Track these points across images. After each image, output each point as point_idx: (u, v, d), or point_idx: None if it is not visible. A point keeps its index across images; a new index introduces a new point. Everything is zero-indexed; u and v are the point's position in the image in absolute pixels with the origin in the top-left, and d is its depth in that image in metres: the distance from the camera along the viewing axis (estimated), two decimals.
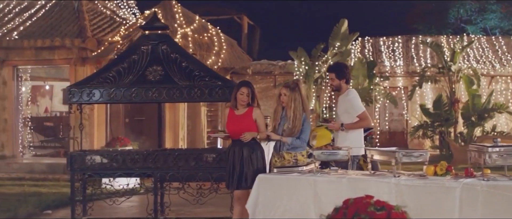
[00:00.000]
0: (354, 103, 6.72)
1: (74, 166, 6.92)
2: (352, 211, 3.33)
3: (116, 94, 6.84)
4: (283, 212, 5.80)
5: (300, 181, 5.82)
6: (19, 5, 17.22)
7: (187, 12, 14.88)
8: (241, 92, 6.27)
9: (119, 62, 6.97)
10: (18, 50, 14.87)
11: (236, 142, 6.35)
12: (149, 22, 7.38)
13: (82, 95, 6.86)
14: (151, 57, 6.94)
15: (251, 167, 6.26)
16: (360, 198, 3.47)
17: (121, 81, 6.85)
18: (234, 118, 6.37)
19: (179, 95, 6.85)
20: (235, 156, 6.28)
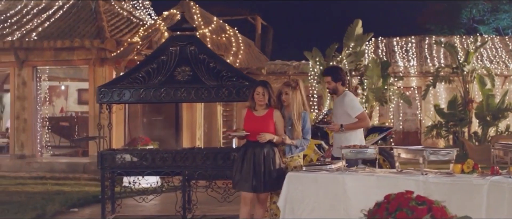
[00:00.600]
0: (353, 105, 6.80)
1: (105, 164, 7.09)
2: (394, 205, 3.45)
3: (146, 94, 7.00)
4: (311, 209, 5.93)
5: (329, 179, 5.95)
6: (37, 6, 17.44)
7: (205, 13, 15.05)
8: (257, 92, 6.23)
9: (148, 63, 7.12)
10: (38, 51, 15.06)
11: (254, 143, 6.23)
12: (177, 24, 7.53)
13: (112, 95, 7.03)
14: (179, 58, 7.08)
15: (274, 169, 6.23)
16: (401, 193, 3.60)
17: (150, 82, 7.00)
18: (254, 118, 6.30)
19: (208, 95, 6.99)
20: (256, 157, 6.19)
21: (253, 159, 6.19)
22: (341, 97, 6.84)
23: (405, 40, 21.80)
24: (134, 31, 15.97)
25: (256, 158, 6.19)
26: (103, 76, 14.70)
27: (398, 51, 21.45)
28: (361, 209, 5.43)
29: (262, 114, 6.29)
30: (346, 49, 18.22)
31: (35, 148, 15.34)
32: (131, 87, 6.99)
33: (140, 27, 16.36)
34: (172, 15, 14.02)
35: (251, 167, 6.17)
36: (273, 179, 6.20)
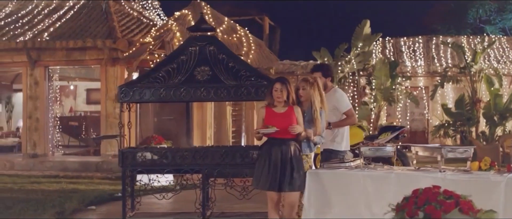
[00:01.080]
0: (344, 100, 6.85)
1: (126, 162, 7.21)
2: (422, 199, 3.58)
3: (166, 93, 7.13)
4: (332, 205, 6.06)
5: (348, 176, 6.08)
6: (48, 7, 17.59)
7: (216, 13, 15.19)
8: (275, 89, 6.08)
9: (168, 63, 7.25)
10: (50, 51, 15.20)
11: (280, 141, 6.07)
12: (197, 24, 7.66)
13: (133, 94, 7.16)
14: (199, 58, 7.21)
15: (301, 168, 6.09)
16: (429, 188, 3.73)
17: (170, 81, 7.13)
18: (275, 115, 6.11)
19: (227, 94, 7.12)
20: (283, 155, 6.02)
21: (280, 157, 6.02)
22: (331, 92, 6.86)
23: (412, 40, 21.91)
24: (145, 31, 16.12)
25: (283, 156, 6.02)
26: (114, 76, 14.86)
27: (405, 51, 21.56)
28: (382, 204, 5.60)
29: (283, 111, 6.11)
30: (355, 49, 18.35)
31: (47, 147, 15.49)
32: (152, 87, 7.13)
33: (151, 27, 16.51)
34: (183, 15, 14.15)
35: (277, 166, 6.00)
36: (300, 178, 6.06)
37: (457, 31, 25.40)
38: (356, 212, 5.99)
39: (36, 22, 16.74)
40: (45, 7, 17.59)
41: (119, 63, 14.76)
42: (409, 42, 21.90)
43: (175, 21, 13.86)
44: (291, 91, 6.14)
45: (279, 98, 6.09)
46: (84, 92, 23.04)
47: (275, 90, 6.11)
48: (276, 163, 6.00)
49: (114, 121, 14.92)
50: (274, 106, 6.16)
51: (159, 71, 7.19)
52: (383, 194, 5.77)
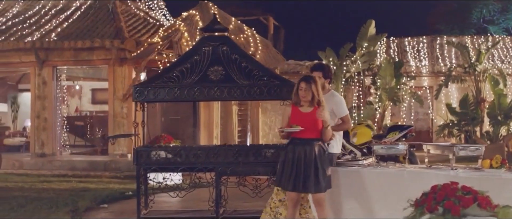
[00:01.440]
0: (342, 105, 6.69)
1: (140, 160, 7.31)
2: (441, 195, 3.68)
3: (180, 93, 7.23)
4: (348, 201, 6.18)
5: (362, 174, 6.19)
6: (54, 7, 17.72)
7: (224, 13, 15.31)
8: (300, 88, 6.03)
9: (182, 63, 7.36)
10: (58, 51, 15.31)
11: (303, 141, 6.01)
12: (210, 25, 7.76)
13: (148, 94, 7.26)
14: (212, 58, 7.31)
15: (325, 169, 6.01)
16: (447, 184, 3.83)
17: (184, 81, 7.23)
18: (301, 115, 6.06)
19: (240, 94, 7.22)
20: (306, 156, 5.95)
21: (303, 157, 5.95)
22: (330, 95, 6.71)
23: (417, 40, 22.02)
24: (152, 31, 16.24)
25: (307, 157, 5.95)
26: (122, 76, 14.98)
27: (409, 51, 21.68)
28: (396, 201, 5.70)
29: (309, 110, 6.04)
30: (360, 49, 18.46)
31: (55, 146, 15.61)
32: (166, 86, 7.22)
33: (157, 27, 16.63)
34: (191, 16, 14.26)
35: (301, 167, 5.93)
36: (325, 178, 5.98)
37: (460, 31, 25.51)
38: (369, 208, 6.10)
39: (44, 22, 16.86)
40: (52, 8, 17.71)
41: (127, 63, 14.88)
42: (414, 42, 22.02)
43: (183, 21, 13.97)
44: (317, 91, 6.04)
45: (304, 98, 6.03)
46: (89, 92, 23.15)
47: (300, 89, 6.05)
48: (299, 164, 5.94)
49: (122, 121, 15.06)
50: (301, 106, 6.11)
51: (173, 71, 7.29)
52: (397, 191, 5.87)
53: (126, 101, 14.85)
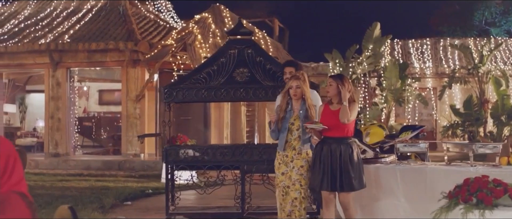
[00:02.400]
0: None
1: (169, 158, 7.61)
2: (474, 187, 4.01)
3: (208, 94, 7.53)
4: (371, 197, 6.50)
5: (385, 170, 6.51)
6: (66, 9, 18.03)
7: (235, 16, 15.58)
8: (327, 85, 6.11)
9: (209, 65, 7.66)
10: (72, 53, 15.63)
11: (331, 139, 6.05)
12: (235, 28, 8.06)
13: (177, 94, 7.57)
14: (237, 60, 7.60)
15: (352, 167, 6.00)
16: (479, 177, 4.16)
17: (211, 82, 7.53)
18: (330, 113, 6.10)
19: (265, 95, 7.52)
20: (332, 154, 5.97)
21: (329, 156, 5.97)
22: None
23: (420, 42, 22.36)
24: (163, 33, 16.56)
25: (333, 156, 5.97)
26: (135, 77, 15.30)
27: (413, 53, 22.00)
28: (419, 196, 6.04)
29: (338, 108, 6.05)
30: (366, 51, 18.80)
31: (69, 146, 15.91)
32: (194, 88, 7.52)
33: (168, 29, 16.95)
34: (204, 18, 14.57)
35: (328, 165, 5.97)
36: (349, 178, 5.98)
37: (463, 33, 25.85)
38: (393, 203, 6.41)
39: (56, 24, 17.17)
40: (64, 10, 18.02)
41: (140, 65, 15.20)
42: (417, 44, 22.35)
43: (196, 24, 14.27)
44: (344, 88, 6.03)
45: (329, 94, 6.11)
46: (96, 93, 23.44)
47: (327, 86, 6.17)
48: (326, 162, 5.98)
49: (135, 121, 15.37)
50: (331, 103, 6.16)
51: (201, 73, 7.59)
52: (418, 186, 6.20)
53: (139, 102, 15.16)
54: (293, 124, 6.24)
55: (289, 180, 6.20)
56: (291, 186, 6.17)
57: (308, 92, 6.24)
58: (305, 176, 6.18)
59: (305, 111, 6.23)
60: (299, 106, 6.27)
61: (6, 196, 2.61)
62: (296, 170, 6.18)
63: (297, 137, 6.22)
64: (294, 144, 6.22)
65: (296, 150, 6.21)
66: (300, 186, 6.16)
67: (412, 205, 6.25)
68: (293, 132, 6.24)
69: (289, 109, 6.27)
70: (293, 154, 6.21)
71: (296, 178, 6.17)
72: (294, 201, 6.16)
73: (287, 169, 6.22)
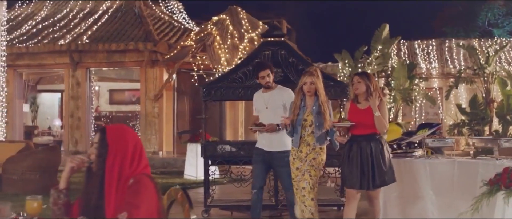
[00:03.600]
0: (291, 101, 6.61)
1: (207, 153, 8.06)
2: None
3: (244, 93, 7.97)
4: (401, 190, 6.96)
5: (415, 164, 6.97)
6: (82, 11, 18.47)
7: (252, 18, 16.06)
8: (353, 82, 6.18)
9: (245, 65, 8.12)
10: (92, 53, 16.06)
11: (360, 137, 6.12)
12: (269, 31, 8.53)
13: (214, 93, 8.02)
14: (271, 61, 8.05)
15: (382, 164, 6.09)
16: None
17: (247, 82, 7.98)
18: (357, 111, 6.16)
19: None
20: (362, 152, 6.06)
21: (359, 154, 6.04)
22: (281, 90, 6.84)
23: (426, 43, 22.84)
24: (178, 34, 17.00)
25: (363, 153, 6.04)
26: (153, 77, 15.74)
27: (419, 53, 22.48)
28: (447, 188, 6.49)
29: (365, 107, 6.12)
30: (375, 51, 19.26)
31: (88, 144, 16.32)
32: (231, 87, 7.98)
33: (183, 31, 17.39)
34: (222, 20, 15.02)
35: (357, 163, 6.04)
36: (382, 174, 6.07)
37: (466, 34, 26.35)
38: (423, 195, 6.87)
39: (73, 25, 17.59)
40: (80, 11, 18.46)
41: (158, 65, 15.63)
42: (423, 45, 22.83)
43: (214, 25, 14.72)
44: (371, 86, 6.13)
45: (357, 90, 6.17)
46: (107, 92, 23.86)
47: (352, 83, 6.23)
48: (355, 161, 6.06)
49: (153, 120, 15.81)
50: (359, 103, 6.24)
51: (237, 73, 8.05)
52: (446, 179, 6.67)
53: (157, 101, 15.61)
54: (305, 120, 6.22)
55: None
56: (301, 176, 6.14)
57: (322, 89, 6.24)
58: (316, 167, 6.14)
59: (318, 106, 6.20)
60: (312, 102, 6.25)
61: (139, 178, 3.07)
62: (308, 161, 6.13)
63: (311, 133, 6.19)
64: (307, 139, 6.20)
65: (310, 146, 6.18)
66: (309, 176, 6.11)
67: (441, 197, 6.71)
68: (306, 127, 6.22)
69: (303, 105, 6.27)
70: (307, 150, 6.18)
71: (306, 168, 6.12)
72: (303, 190, 6.12)
73: (301, 164, 6.19)
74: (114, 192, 3.00)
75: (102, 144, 3.11)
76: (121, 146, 3.08)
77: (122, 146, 3.08)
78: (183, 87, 16.26)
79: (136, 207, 2.94)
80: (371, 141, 6.11)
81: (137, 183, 3.03)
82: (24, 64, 16.57)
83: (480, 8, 27.63)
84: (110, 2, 18.53)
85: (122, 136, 3.15)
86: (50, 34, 17.18)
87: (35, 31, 17.55)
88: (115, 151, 3.06)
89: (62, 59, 16.25)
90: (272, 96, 6.80)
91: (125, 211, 2.90)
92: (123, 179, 3.03)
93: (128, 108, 22.90)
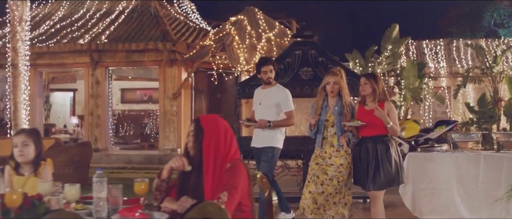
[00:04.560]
0: (289, 100, 6.87)
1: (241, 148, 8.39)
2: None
3: None
4: (429, 181, 7.36)
5: (442, 157, 7.38)
6: (99, 11, 18.85)
7: (268, 18, 16.46)
8: (360, 83, 6.25)
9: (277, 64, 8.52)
10: (111, 53, 16.45)
11: (367, 139, 6.19)
12: (299, 32, 8.94)
13: (248, 91, 8.42)
14: (302, 60, 8.48)
15: (387, 165, 6.10)
16: None
17: (280, 80, 8.38)
18: (365, 112, 6.22)
19: None
20: (368, 153, 6.12)
21: (366, 155, 6.12)
22: (277, 89, 6.97)
23: (434, 43, 23.25)
24: (194, 34, 17.39)
25: (369, 155, 6.11)
26: (172, 76, 16.13)
27: (427, 53, 22.89)
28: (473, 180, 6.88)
29: (373, 107, 6.15)
30: (385, 51, 19.66)
31: (108, 142, 16.73)
32: None
33: (198, 31, 17.79)
34: (240, 20, 15.41)
35: (362, 163, 6.15)
36: (385, 176, 6.09)
37: (472, 34, 26.75)
38: (449, 186, 7.27)
39: (91, 25, 17.97)
40: (96, 11, 18.85)
41: (176, 64, 16.02)
42: (431, 44, 23.25)
43: (232, 25, 15.11)
44: (378, 86, 6.19)
45: (363, 92, 6.24)
46: (118, 92, 24.24)
47: (360, 84, 6.27)
48: (357, 160, 6.18)
49: (171, 118, 16.19)
50: (366, 104, 6.30)
51: None
52: (473, 171, 7.07)
53: (176, 99, 16.00)
54: (327, 120, 6.24)
55: (323, 173, 6.16)
56: (328, 181, 6.10)
57: (345, 89, 6.27)
58: (344, 173, 6.13)
59: (340, 107, 6.24)
60: (334, 102, 6.29)
61: (235, 162, 3.48)
62: (335, 167, 6.12)
63: (333, 133, 6.20)
64: (331, 140, 6.21)
65: (334, 147, 6.18)
66: (337, 183, 6.11)
67: (466, 188, 7.11)
68: (328, 128, 6.24)
69: (325, 106, 6.29)
70: (331, 151, 6.19)
71: (334, 174, 6.12)
72: (328, 196, 6.10)
73: (322, 162, 6.20)
74: (212, 172, 3.40)
75: (197, 128, 3.51)
76: (214, 129, 3.50)
77: (215, 129, 3.50)
78: (200, 85, 16.67)
79: (235, 188, 3.34)
80: (377, 143, 6.16)
81: (234, 167, 3.43)
82: (45, 63, 16.95)
83: (486, 9, 28.02)
84: (126, 3, 18.91)
85: (214, 120, 3.57)
86: (69, 34, 17.56)
87: (54, 31, 17.93)
88: (210, 133, 3.48)
89: (82, 59, 16.63)
90: (268, 93, 6.93)
91: (225, 191, 3.29)
92: (219, 160, 3.43)
93: (140, 107, 23.31)
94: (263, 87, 7.05)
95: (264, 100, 6.88)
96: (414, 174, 7.40)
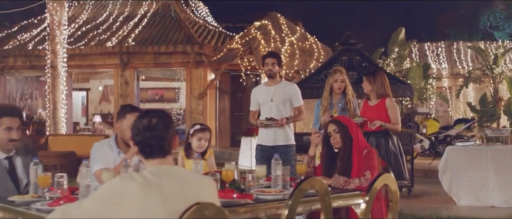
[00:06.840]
0: (299, 94, 6.78)
1: None
2: None
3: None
4: (465, 170, 8.45)
5: (477, 151, 8.48)
6: (121, 14, 19.80)
7: (290, 23, 17.49)
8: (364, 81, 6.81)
9: (326, 68, 9.58)
10: (139, 55, 17.40)
11: (369, 133, 6.55)
12: (345, 39, 9.98)
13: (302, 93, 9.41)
14: (348, 65, 9.51)
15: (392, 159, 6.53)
16: None
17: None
18: (367, 108, 6.80)
19: None
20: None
21: None
22: (287, 84, 6.86)
23: (436, 45, 24.47)
24: (216, 37, 18.38)
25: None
26: (198, 77, 17.12)
27: (429, 55, 24.09)
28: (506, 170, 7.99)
29: (375, 103, 6.71)
30: (392, 53, 20.80)
31: None
32: (315, 87, 9.41)
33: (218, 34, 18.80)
34: (264, 25, 16.42)
35: None
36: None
37: (469, 37, 27.98)
38: (484, 176, 8.36)
39: (116, 28, 18.92)
40: (119, 15, 19.80)
41: (202, 66, 17.01)
42: (433, 46, 24.46)
43: (257, 30, 16.11)
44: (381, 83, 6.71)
45: (364, 90, 6.91)
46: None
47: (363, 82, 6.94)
48: None
49: (198, 116, 17.18)
50: (369, 100, 6.87)
51: (319, 75, 9.51)
52: (505, 163, 8.18)
53: (202, 99, 17.00)
54: (332, 117, 6.37)
55: None
56: None
57: (349, 86, 6.63)
58: None
59: (343, 103, 6.58)
60: (338, 99, 6.64)
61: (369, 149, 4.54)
62: None
63: None
64: None
65: None
66: None
67: (500, 178, 8.21)
68: None
69: (330, 103, 6.64)
70: None
71: None
72: None
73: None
74: (357, 156, 4.45)
75: (340, 126, 4.56)
76: (353, 126, 4.56)
77: (353, 126, 4.56)
78: (224, 86, 17.68)
79: (374, 168, 4.40)
80: (379, 138, 6.62)
81: (370, 152, 4.50)
82: (75, 65, 17.81)
83: (482, 12, 29.23)
84: (147, 6, 19.88)
85: (348, 120, 4.64)
86: (96, 36, 18.47)
87: (81, 34, 18.84)
88: (351, 126, 4.53)
89: (111, 60, 17.54)
90: (278, 89, 6.65)
91: (368, 170, 4.36)
92: (361, 147, 4.49)
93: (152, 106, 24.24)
94: (267, 84, 6.79)
95: (276, 96, 6.60)
96: (452, 164, 8.49)
